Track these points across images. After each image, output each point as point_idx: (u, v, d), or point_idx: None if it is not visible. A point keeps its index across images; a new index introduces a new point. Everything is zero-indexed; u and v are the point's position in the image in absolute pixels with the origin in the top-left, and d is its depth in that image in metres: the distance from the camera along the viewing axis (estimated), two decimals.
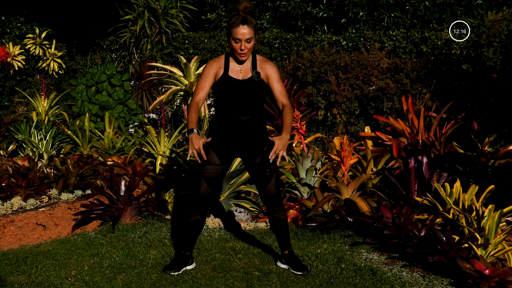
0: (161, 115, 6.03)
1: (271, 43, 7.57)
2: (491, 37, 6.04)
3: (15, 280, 3.30)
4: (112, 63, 7.38)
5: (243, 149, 3.36)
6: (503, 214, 3.42)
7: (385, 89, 6.56)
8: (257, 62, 3.32)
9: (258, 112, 3.33)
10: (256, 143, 3.33)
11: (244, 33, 3.18)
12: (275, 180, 3.36)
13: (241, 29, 3.18)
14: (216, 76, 3.30)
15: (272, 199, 3.39)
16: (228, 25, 3.27)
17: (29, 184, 5.03)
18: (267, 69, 3.30)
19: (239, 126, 3.30)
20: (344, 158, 4.66)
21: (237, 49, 3.21)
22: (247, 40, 3.19)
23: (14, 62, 7.73)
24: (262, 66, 3.31)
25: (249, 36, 3.19)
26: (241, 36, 3.18)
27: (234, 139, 3.33)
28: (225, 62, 3.31)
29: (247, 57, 3.26)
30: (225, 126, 3.32)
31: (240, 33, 3.18)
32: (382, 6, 7.48)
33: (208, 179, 3.35)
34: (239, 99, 3.28)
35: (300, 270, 3.38)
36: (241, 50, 3.21)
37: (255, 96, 3.30)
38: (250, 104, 3.29)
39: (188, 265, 3.46)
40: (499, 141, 5.64)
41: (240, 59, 3.25)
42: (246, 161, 3.41)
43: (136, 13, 7.67)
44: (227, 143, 3.34)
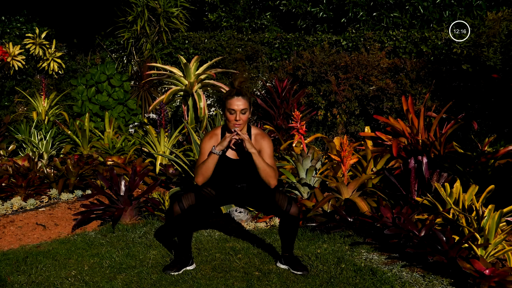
0: (161, 115, 6.03)
1: (271, 43, 7.57)
2: (491, 37, 6.04)
3: (15, 280, 3.30)
4: (112, 63, 7.38)
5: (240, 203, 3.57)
6: (503, 214, 3.42)
7: (385, 89, 6.56)
8: (252, 136, 3.40)
9: (254, 179, 3.42)
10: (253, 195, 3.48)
11: (239, 104, 3.27)
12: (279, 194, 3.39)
13: (236, 101, 3.27)
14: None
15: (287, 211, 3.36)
16: (223, 98, 3.36)
17: (29, 184, 5.03)
18: (261, 144, 3.39)
19: (235, 190, 3.47)
20: (344, 158, 4.66)
21: (232, 120, 3.29)
22: (241, 111, 3.27)
23: (14, 62, 7.72)
24: (257, 140, 3.40)
25: (244, 107, 3.27)
26: (236, 107, 3.26)
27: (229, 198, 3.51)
28: (221, 136, 3.41)
29: (241, 129, 3.32)
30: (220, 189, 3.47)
31: (235, 104, 3.26)
32: (381, 6, 7.49)
33: (199, 194, 3.41)
34: (235, 174, 3.42)
35: (300, 270, 3.38)
36: (236, 120, 3.28)
37: (250, 170, 3.37)
38: (246, 176, 3.42)
39: (188, 266, 3.46)
40: (499, 141, 5.64)
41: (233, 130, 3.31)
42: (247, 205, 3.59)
43: (135, 13, 7.67)
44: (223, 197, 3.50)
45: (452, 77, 6.51)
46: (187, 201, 3.35)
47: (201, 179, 3.33)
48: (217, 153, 3.27)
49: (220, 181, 3.45)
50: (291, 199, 3.38)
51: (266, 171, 3.28)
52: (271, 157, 3.37)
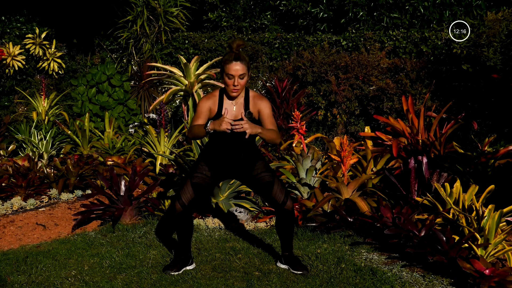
0: (161, 115, 6.03)
1: (271, 43, 7.57)
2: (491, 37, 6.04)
3: (15, 280, 3.30)
4: (112, 64, 7.38)
5: (236, 175, 3.48)
6: (503, 214, 3.42)
7: (385, 89, 6.56)
8: (250, 99, 3.37)
9: (251, 145, 3.40)
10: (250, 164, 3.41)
11: (237, 69, 3.22)
12: (278, 183, 3.37)
13: (234, 66, 3.23)
14: (211, 113, 3.35)
15: (282, 204, 3.37)
16: (221, 62, 3.32)
17: (29, 184, 5.03)
18: (259, 105, 3.35)
19: (232, 157, 3.39)
20: (344, 158, 4.66)
21: (230, 85, 3.25)
22: (240, 76, 3.24)
23: (14, 62, 7.72)
24: (255, 102, 3.36)
25: (242, 72, 3.24)
26: (234, 72, 3.23)
27: (226, 165, 3.42)
28: (219, 99, 3.36)
29: (239, 93, 3.30)
30: (217, 156, 3.40)
31: (233, 69, 3.22)
32: (381, 6, 7.49)
33: (195, 184, 3.38)
34: (232, 136, 3.32)
35: (300, 270, 3.38)
36: (234, 86, 3.25)
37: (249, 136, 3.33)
38: (243, 140, 3.35)
39: (188, 265, 3.46)
40: (499, 141, 5.64)
41: (231, 95, 3.29)
42: (243, 179, 3.50)
43: (135, 13, 7.67)
44: (219, 167, 3.42)
45: (452, 77, 6.51)
46: (185, 196, 3.34)
47: (191, 137, 3.34)
48: (208, 130, 3.21)
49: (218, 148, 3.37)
50: (288, 192, 3.39)
51: (271, 138, 3.27)
52: (271, 116, 3.34)
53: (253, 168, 3.41)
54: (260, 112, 3.34)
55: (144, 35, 7.78)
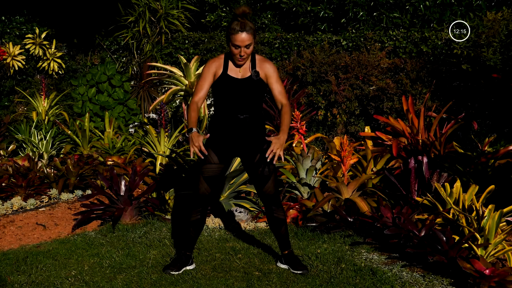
0: (161, 115, 6.03)
1: (271, 43, 7.57)
2: (490, 37, 6.04)
3: (15, 280, 3.30)
4: (113, 64, 7.38)
5: (241, 148, 3.37)
6: (503, 214, 3.42)
7: (385, 89, 6.56)
8: (256, 62, 3.34)
9: (257, 111, 3.35)
10: (255, 142, 3.35)
11: (243, 39, 3.20)
12: (273, 179, 3.36)
13: (240, 36, 3.20)
14: (215, 76, 3.32)
15: (271, 199, 3.39)
16: (227, 30, 3.28)
17: (29, 184, 5.03)
18: (266, 69, 3.33)
19: (238, 125, 3.31)
20: (344, 158, 4.66)
21: (236, 54, 3.24)
22: (246, 46, 3.22)
23: (14, 62, 7.72)
24: (261, 65, 3.34)
25: (248, 42, 3.22)
26: (241, 43, 3.20)
27: (232, 138, 3.34)
28: (224, 61, 3.33)
29: (245, 62, 3.30)
30: (223, 125, 3.34)
31: (240, 40, 3.20)
32: (382, 6, 7.48)
33: (207, 178, 3.36)
34: (238, 98, 3.29)
35: (300, 269, 3.38)
36: (241, 56, 3.23)
37: (254, 95, 3.31)
38: (249, 103, 3.31)
39: (188, 265, 3.46)
40: (499, 141, 5.64)
41: (238, 63, 3.28)
42: (244, 161, 3.42)
43: (137, 14, 7.67)
44: (226, 142, 3.35)
45: (452, 77, 6.51)
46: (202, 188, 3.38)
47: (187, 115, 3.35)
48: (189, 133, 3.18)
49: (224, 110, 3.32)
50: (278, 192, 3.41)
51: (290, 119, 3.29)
52: (278, 80, 3.35)
53: (257, 152, 3.34)
54: (268, 76, 3.33)
55: (146, 36, 7.78)
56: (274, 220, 3.44)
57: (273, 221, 3.44)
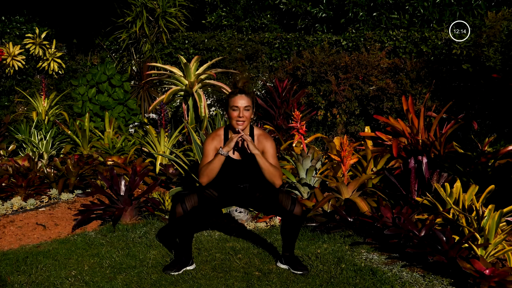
0: (161, 115, 6.03)
1: (271, 43, 7.57)
2: (491, 37, 6.04)
3: (15, 280, 3.30)
4: (112, 64, 7.38)
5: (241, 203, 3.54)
6: (503, 214, 3.42)
7: (385, 89, 6.56)
8: (255, 137, 3.40)
9: (256, 180, 3.43)
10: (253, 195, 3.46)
11: (242, 102, 3.28)
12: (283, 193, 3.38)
13: (239, 98, 3.28)
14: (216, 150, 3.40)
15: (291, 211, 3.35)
16: (226, 98, 3.36)
17: (29, 184, 5.03)
18: (264, 145, 3.39)
19: (237, 191, 3.46)
20: (344, 158, 4.66)
21: (235, 117, 3.28)
22: (245, 108, 3.28)
23: (14, 62, 7.72)
24: (260, 140, 3.40)
25: (247, 104, 3.29)
26: (240, 105, 3.27)
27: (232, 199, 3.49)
28: (224, 137, 3.41)
29: (244, 126, 3.32)
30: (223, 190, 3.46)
31: (239, 102, 3.28)
32: (381, 6, 7.49)
33: (201, 195, 3.41)
34: (237, 174, 3.41)
35: (300, 270, 3.38)
36: (239, 117, 3.28)
37: (253, 170, 3.38)
38: (248, 176, 3.42)
39: (189, 266, 3.46)
40: (499, 141, 5.64)
41: (237, 128, 3.30)
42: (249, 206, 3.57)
43: (134, 14, 7.67)
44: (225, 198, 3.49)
45: (452, 77, 6.51)
46: (189, 202, 3.35)
47: (206, 179, 3.33)
48: (224, 154, 3.28)
49: (223, 182, 3.44)
50: (294, 199, 3.37)
51: (270, 171, 3.29)
52: (274, 157, 3.37)
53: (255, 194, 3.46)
54: (265, 151, 3.38)
55: (144, 36, 7.77)
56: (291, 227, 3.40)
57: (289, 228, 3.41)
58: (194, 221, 3.37)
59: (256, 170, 3.35)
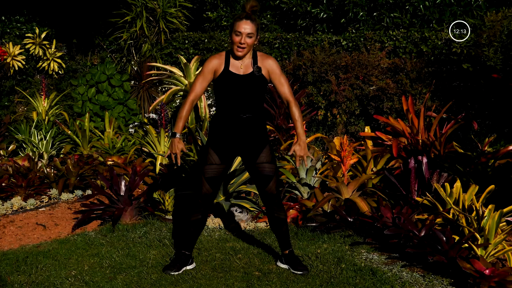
0: (161, 115, 6.03)
1: (271, 43, 7.57)
2: (491, 37, 6.03)
3: (15, 280, 3.30)
4: (112, 63, 7.38)
5: (243, 148, 3.36)
6: (503, 214, 3.42)
7: (385, 89, 6.56)
8: (257, 58, 3.32)
9: (258, 110, 3.33)
10: (257, 141, 3.34)
11: (246, 27, 3.19)
12: (275, 180, 3.36)
13: (244, 24, 3.20)
14: (216, 73, 3.30)
15: (272, 199, 3.39)
16: (232, 21, 3.29)
17: (29, 184, 5.03)
18: (268, 64, 3.31)
19: (240, 124, 3.30)
20: (344, 158, 4.66)
21: (236, 42, 3.21)
22: (248, 35, 3.20)
23: (14, 62, 7.72)
24: (263, 61, 3.31)
25: (251, 31, 3.20)
26: (243, 30, 3.19)
27: (234, 138, 3.33)
28: (226, 58, 3.31)
29: (244, 53, 3.25)
30: (225, 124, 3.32)
31: (242, 27, 3.19)
32: (382, 6, 7.48)
33: (209, 179, 3.36)
34: (240, 95, 3.27)
35: (300, 269, 3.38)
36: (241, 43, 3.20)
37: (256, 92, 3.29)
38: (250, 101, 3.29)
39: (188, 265, 3.46)
40: (499, 141, 5.64)
41: (237, 54, 3.24)
42: (246, 160, 3.41)
43: (134, 14, 7.67)
44: (227, 141, 3.34)
45: (452, 77, 6.51)
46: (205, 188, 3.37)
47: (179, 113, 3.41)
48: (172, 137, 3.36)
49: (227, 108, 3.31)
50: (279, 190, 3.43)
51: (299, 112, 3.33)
52: (282, 74, 3.32)
53: (259, 152, 3.34)
54: (270, 71, 3.31)
55: (144, 36, 7.78)
56: (275, 219, 3.44)
57: (274, 220, 3.45)
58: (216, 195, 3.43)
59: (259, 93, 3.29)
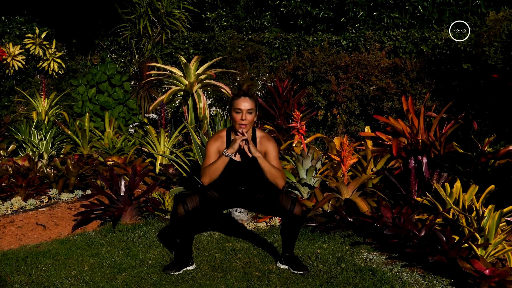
0: (161, 115, 6.03)
1: (271, 43, 7.57)
2: (491, 37, 6.03)
3: (15, 280, 3.30)
4: (112, 63, 7.38)
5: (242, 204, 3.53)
6: (503, 214, 3.42)
7: (385, 89, 6.56)
8: (257, 139, 3.42)
9: (258, 182, 3.44)
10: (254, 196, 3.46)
11: (245, 104, 3.30)
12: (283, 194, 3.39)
13: (243, 101, 3.30)
14: (219, 152, 3.41)
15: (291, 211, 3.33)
16: (230, 100, 3.40)
17: (29, 184, 5.03)
18: (267, 146, 3.40)
19: (238, 193, 3.47)
20: (344, 158, 4.66)
21: (238, 120, 3.29)
22: (248, 111, 3.29)
23: (14, 62, 7.72)
24: (262, 142, 3.42)
25: (250, 107, 3.30)
26: (243, 107, 3.29)
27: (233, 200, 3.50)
28: (227, 138, 3.42)
29: (247, 130, 3.32)
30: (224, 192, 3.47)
31: (242, 104, 3.29)
32: (381, 6, 7.48)
33: (203, 196, 3.41)
34: (239, 176, 3.42)
35: (300, 270, 3.38)
36: (242, 120, 3.28)
37: (255, 172, 3.39)
38: (250, 178, 3.43)
39: (189, 266, 3.46)
40: (499, 141, 5.64)
41: (239, 131, 3.31)
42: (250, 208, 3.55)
43: (138, 13, 7.68)
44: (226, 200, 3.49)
45: (452, 77, 6.51)
46: (191, 203, 3.35)
47: (208, 180, 3.33)
48: (228, 156, 3.28)
49: (224, 184, 3.45)
50: (294, 199, 3.37)
51: (272, 173, 3.29)
52: (276, 158, 3.38)
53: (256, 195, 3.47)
54: (267, 153, 3.39)
55: (146, 36, 7.78)
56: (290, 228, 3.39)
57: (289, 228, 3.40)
58: (195, 221, 3.37)
59: (258, 172, 3.35)
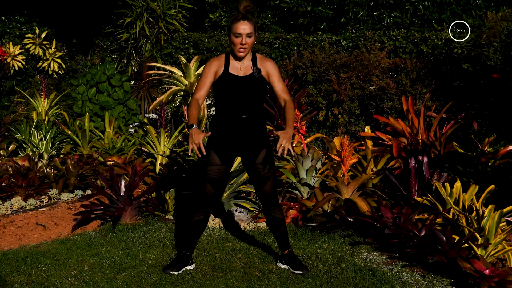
0: (161, 115, 6.03)
1: (271, 43, 7.57)
2: (491, 37, 6.03)
3: (15, 280, 3.30)
4: (112, 64, 7.38)
5: (243, 148, 3.37)
6: (503, 214, 3.42)
7: (386, 89, 6.56)
8: (257, 60, 3.36)
9: (258, 111, 3.35)
10: (256, 141, 3.35)
11: (244, 28, 3.22)
12: (272, 180, 3.38)
13: (242, 24, 3.23)
14: (216, 74, 3.33)
15: (269, 199, 3.40)
16: (228, 23, 3.31)
17: (29, 184, 5.03)
18: (267, 67, 3.35)
19: (239, 124, 3.32)
20: (344, 158, 4.66)
21: (238, 44, 3.24)
22: (247, 35, 3.23)
23: (14, 62, 7.72)
24: (263, 63, 3.35)
25: (250, 31, 3.24)
26: (242, 31, 3.22)
27: (234, 138, 3.34)
28: (225, 60, 3.35)
29: (246, 53, 3.29)
30: (225, 125, 3.34)
31: (241, 28, 3.22)
32: (382, 6, 7.49)
33: (211, 180, 3.37)
34: (240, 96, 3.30)
35: (300, 269, 3.38)
36: (242, 44, 3.24)
37: (255, 93, 3.32)
38: (250, 102, 3.32)
39: (188, 265, 3.46)
40: (499, 141, 5.65)
41: (239, 55, 3.27)
42: (245, 160, 3.42)
43: (134, 15, 7.67)
44: (227, 142, 3.35)
45: (452, 77, 6.51)
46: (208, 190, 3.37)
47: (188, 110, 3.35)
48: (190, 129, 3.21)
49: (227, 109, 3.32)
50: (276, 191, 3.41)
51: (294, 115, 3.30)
52: (279, 78, 3.35)
53: (258, 152, 3.35)
54: (269, 73, 3.35)
55: (144, 36, 7.78)
56: (273, 219, 3.45)
57: (271, 220, 3.45)
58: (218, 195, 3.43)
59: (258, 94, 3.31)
